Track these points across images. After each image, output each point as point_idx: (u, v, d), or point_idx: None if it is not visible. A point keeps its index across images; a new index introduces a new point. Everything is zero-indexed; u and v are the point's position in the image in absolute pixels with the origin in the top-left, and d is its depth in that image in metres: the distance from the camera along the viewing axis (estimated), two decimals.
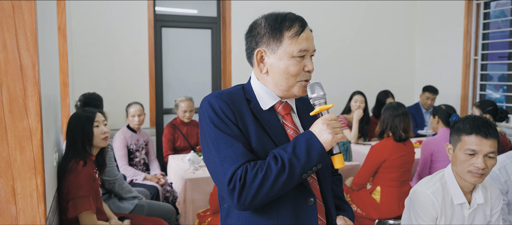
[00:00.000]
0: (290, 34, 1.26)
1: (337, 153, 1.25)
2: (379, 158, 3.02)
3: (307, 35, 1.28)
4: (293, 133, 1.31)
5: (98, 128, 2.35)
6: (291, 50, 1.26)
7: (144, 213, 2.91)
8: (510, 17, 4.71)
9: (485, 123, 1.76)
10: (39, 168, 1.63)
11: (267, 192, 1.16)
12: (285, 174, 1.16)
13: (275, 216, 1.26)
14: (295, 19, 1.29)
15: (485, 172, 1.76)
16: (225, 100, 1.26)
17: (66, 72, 3.29)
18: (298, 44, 1.26)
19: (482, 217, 1.90)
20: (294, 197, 1.27)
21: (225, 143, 1.21)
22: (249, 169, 1.17)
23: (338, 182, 1.57)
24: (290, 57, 1.26)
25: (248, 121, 1.26)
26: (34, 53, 1.59)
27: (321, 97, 1.26)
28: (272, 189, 1.16)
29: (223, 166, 1.19)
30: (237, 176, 1.17)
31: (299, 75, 1.28)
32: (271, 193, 1.17)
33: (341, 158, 1.25)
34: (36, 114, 1.61)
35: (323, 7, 5.25)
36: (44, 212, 1.67)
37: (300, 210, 1.27)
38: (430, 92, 4.91)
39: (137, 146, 3.82)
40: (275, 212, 1.26)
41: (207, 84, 5.11)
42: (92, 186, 2.25)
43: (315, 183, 1.32)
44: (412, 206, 1.88)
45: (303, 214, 1.27)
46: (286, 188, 1.19)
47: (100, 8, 4.33)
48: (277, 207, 1.26)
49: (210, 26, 5.02)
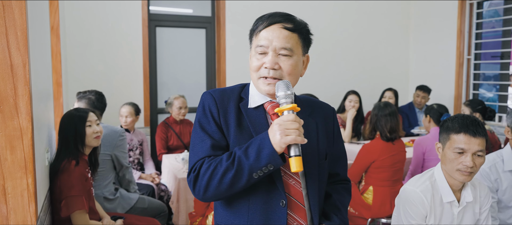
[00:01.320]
0: (256, 30, 1.31)
1: (295, 156, 1.18)
2: (369, 158, 3.05)
3: (268, 34, 1.27)
4: None
5: (90, 127, 2.36)
6: (253, 46, 1.32)
7: (145, 206, 3.01)
8: (503, 17, 4.74)
9: (474, 121, 1.78)
10: (30, 167, 1.64)
11: (217, 186, 1.21)
12: (233, 170, 1.19)
13: (245, 214, 1.29)
14: (268, 16, 1.30)
15: (474, 171, 1.78)
16: (215, 97, 1.33)
17: (60, 72, 3.28)
18: (257, 40, 1.30)
19: (471, 215, 1.92)
20: (265, 198, 1.27)
21: (198, 138, 1.30)
22: (206, 162, 1.24)
23: (342, 191, 1.48)
24: (254, 52, 1.32)
25: (230, 118, 1.31)
26: (24, 52, 1.59)
27: (282, 97, 1.22)
28: (221, 184, 1.20)
29: (191, 159, 1.30)
30: (195, 168, 1.25)
31: (259, 71, 1.30)
32: (221, 187, 1.21)
33: (299, 162, 1.17)
34: (26, 113, 1.61)
35: (317, 6, 5.26)
36: (35, 211, 1.67)
37: (271, 211, 1.28)
38: (420, 90, 4.95)
39: (130, 146, 3.82)
40: (246, 210, 1.29)
41: (201, 84, 5.11)
42: (85, 186, 2.25)
43: (297, 185, 1.31)
44: (402, 205, 1.90)
45: (274, 215, 1.27)
46: (236, 184, 1.20)
47: (94, 8, 4.33)
48: (247, 206, 1.29)
49: (204, 25, 5.02)
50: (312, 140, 1.34)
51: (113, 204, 2.82)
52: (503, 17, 4.73)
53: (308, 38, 1.36)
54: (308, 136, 1.32)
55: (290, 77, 1.29)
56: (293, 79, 1.31)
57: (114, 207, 2.82)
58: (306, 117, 1.36)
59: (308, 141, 1.31)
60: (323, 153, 1.37)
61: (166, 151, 4.06)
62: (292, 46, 1.28)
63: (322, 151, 1.37)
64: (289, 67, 1.28)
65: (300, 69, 1.34)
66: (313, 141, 1.35)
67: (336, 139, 1.47)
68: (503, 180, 2.28)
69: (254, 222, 1.28)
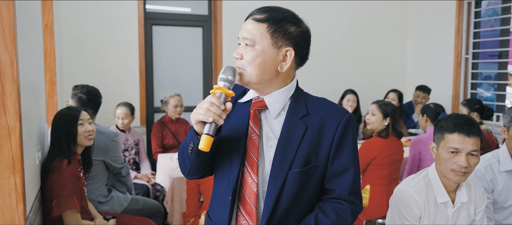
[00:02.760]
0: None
1: (204, 134, 1.18)
2: (370, 155, 3.02)
3: (243, 25, 1.30)
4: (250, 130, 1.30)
5: (82, 126, 2.33)
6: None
7: (140, 206, 2.97)
8: (500, 16, 4.72)
9: (468, 121, 1.76)
10: (18, 167, 1.61)
11: (182, 162, 1.35)
12: (181, 148, 1.34)
13: (212, 202, 1.41)
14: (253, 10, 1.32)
15: (468, 171, 1.75)
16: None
17: (54, 70, 3.26)
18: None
19: (466, 216, 1.90)
20: (224, 190, 1.32)
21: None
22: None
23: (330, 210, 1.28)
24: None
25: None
26: (12, 50, 1.57)
27: (219, 78, 1.24)
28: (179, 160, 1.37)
29: None
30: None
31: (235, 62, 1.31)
32: (180, 163, 1.37)
33: (206, 141, 1.17)
34: (14, 112, 1.59)
35: (314, 6, 5.24)
36: (24, 211, 1.65)
37: (222, 203, 1.32)
38: (420, 90, 4.91)
39: (126, 146, 3.80)
40: (213, 199, 1.41)
41: (198, 82, 5.09)
42: (76, 185, 2.22)
43: (253, 185, 1.27)
44: (396, 205, 1.87)
45: (222, 208, 1.32)
46: (186, 160, 1.31)
47: (90, 6, 4.30)
48: (214, 196, 1.40)
49: (201, 24, 5.00)
50: (290, 145, 1.25)
51: (105, 206, 2.78)
52: (501, 16, 4.71)
53: (283, 30, 1.25)
54: (288, 139, 1.25)
55: (250, 67, 1.24)
56: (257, 70, 1.23)
57: (106, 210, 2.78)
58: (295, 119, 1.28)
59: (285, 145, 1.24)
60: (300, 161, 1.25)
61: (162, 150, 4.03)
62: (253, 36, 1.24)
63: (299, 159, 1.25)
64: (248, 57, 1.24)
65: (271, 62, 1.24)
66: (291, 146, 1.25)
67: (337, 150, 1.28)
68: (499, 181, 2.26)
69: (214, 210, 1.37)
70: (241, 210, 1.29)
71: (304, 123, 1.27)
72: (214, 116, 1.17)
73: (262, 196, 1.28)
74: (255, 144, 1.28)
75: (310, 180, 1.28)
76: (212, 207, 1.39)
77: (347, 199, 1.29)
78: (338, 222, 1.27)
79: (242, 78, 1.27)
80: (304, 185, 1.28)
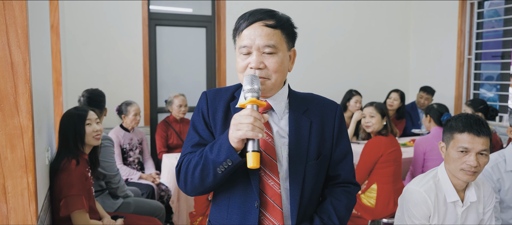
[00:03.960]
0: (239, 30, 1.28)
1: (252, 151, 1.13)
2: (376, 153, 3.04)
3: (250, 32, 1.24)
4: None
5: (90, 126, 2.34)
6: (237, 46, 1.29)
7: (130, 211, 2.89)
8: (503, 17, 4.73)
9: (478, 121, 1.77)
10: (30, 166, 1.62)
11: (191, 180, 1.24)
12: (200, 165, 1.22)
13: (225, 213, 1.32)
14: (249, 14, 1.28)
15: (478, 170, 1.76)
16: (208, 97, 1.36)
17: (59, 71, 3.27)
18: (240, 41, 1.27)
19: (475, 215, 1.91)
20: (241, 198, 1.28)
21: (189, 136, 1.35)
22: (186, 157, 1.28)
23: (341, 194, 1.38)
24: (238, 53, 1.29)
25: (218, 117, 1.32)
26: (25, 50, 1.58)
27: (252, 90, 1.19)
28: (193, 178, 1.23)
29: (180, 156, 1.34)
30: (179, 164, 1.30)
31: (245, 71, 1.27)
32: (194, 181, 1.24)
33: (254, 158, 1.13)
34: (27, 112, 1.60)
35: (316, 6, 5.25)
36: (36, 211, 1.66)
37: (247, 212, 1.28)
38: (424, 91, 4.91)
39: (130, 145, 3.81)
40: (226, 209, 1.32)
41: (201, 83, 5.09)
42: (85, 185, 2.23)
43: (276, 187, 1.28)
44: (405, 205, 1.88)
45: (249, 216, 1.28)
46: (206, 179, 1.22)
47: (94, 6, 4.31)
48: (227, 204, 1.31)
49: (204, 24, 5.01)
50: (301, 140, 1.30)
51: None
52: (504, 17, 4.72)
53: (292, 32, 1.32)
54: (298, 135, 1.30)
55: (276, 74, 1.26)
56: (280, 75, 1.27)
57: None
58: (299, 115, 1.32)
59: (296, 141, 1.28)
60: (314, 154, 1.31)
61: (166, 150, 4.04)
62: (276, 43, 1.24)
63: (312, 152, 1.31)
64: (274, 65, 1.24)
65: (287, 65, 1.30)
66: (302, 141, 1.30)
67: (338, 139, 1.37)
68: (505, 180, 2.27)
69: (231, 220, 1.30)
70: (264, 214, 1.28)
71: (307, 118, 1.33)
72: (261, 132, 1.13)
73: (285, 195, 1.30)
74: (270, 146, 1.28)
75: (322, 170, 1.36)
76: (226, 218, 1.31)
77: (352, 181, 1.41)
78: (349, 203, 1.38)
79: (266, 87, 1.26)
80: (319, 175, 1.35)
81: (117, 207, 2.85)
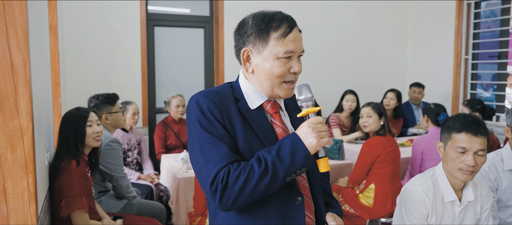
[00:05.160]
0: (276, 35, 1.23)
1: (323, 157, 1.22)
2: (374, 153, 3.06)
3: (294, 36, 1.25)
4: (282, 132, 1.30)
5: (90, 127, 2.34)
6: (276, 51, 1.23)
7: (133, 212, 2.89)
8: (500, 17, 4.76)
9: (475, 121, 1.78)
10: (30, 167, 1.62)
11: (250, 194, 1.16)
12: (268, 176, 1.15)
13: (262, 215, 1.25)
14: (283, 19, 1.25)
15: (475, 170, 1.78)
16: (213, 99, 1.25)
17: (58, 71, 3.27)
18: (284, 46, 1.23)
19: (473, 215, 1.92)
20: (282, 197, 1.25)
21: (210, 143, 1.20)
22: (232, 170, 1.16)
23: (325, 177, 1.56)
24: (276, 58, 1.24)
25: (235, 120, 1.25)
26: (25, 51, 1.58)
27: (308, 99, 1.24)
28: (255, 191, 1.16)
29: (206, 167, 1.19)
30: (219, 178, 1.16)
31: (284, 76, 1.26)
32: (253, 195, 1.17)
33: (326, 162, 1.23)
34: (27, 113, 1.60)
35: (315, 5, 5.27)
36: (36, 211, 1.66)
37: (287, 209, 1.26)
38: (416, 86, 5.07)
39: (129, 146, 3.81)
40: (262, 212, 1.25)
41: (200, 83, 5.10)
42: (85, 185, 2.24)
43: (304, 181, 1.32)
44: (404, 204, 1.90)
45: (291, 213, 1.26)
46: (269, 190, 1.18)
47: (92, 7, 4.31)
48: (264, 207, 1.25)
49: (202, 25, 5.01)
50: None
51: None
52: (500, 17, 4.75)
53: None
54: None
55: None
56: None
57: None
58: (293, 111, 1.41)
59: None
60: None
61: (165, 150, 4.05)
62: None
63: None
64: (301, 69, 1.29)
65: None
66: None
67: None
68: (502, 179, 2.29)
69: (272, 222, 1.25)
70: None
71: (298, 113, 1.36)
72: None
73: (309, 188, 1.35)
74: None
75: None
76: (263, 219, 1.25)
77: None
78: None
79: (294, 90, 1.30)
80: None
81: (120, 208, 2.86)
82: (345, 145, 3.96)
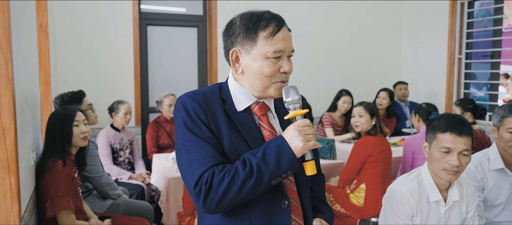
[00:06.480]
0: (265, 34, 1.22)
1: (309, 160, 1.21)
2: (365, 153, 3.05)
3: (283, 35, 1.23)
4: (269, 134, 1.28)
5: (78, 127, 2.33)
6: (265, 50, 1.22)
7: (119, 212, 2.87)
8: (493, 16, 4.77)
9: (460, 121, 1.78)
10: (12, 167, 1.62)
11: (233, 197, 1.14)
12: (252, 179, 1.14)
13: (247, 218, 1.24)
14: (271, 18, 1.24)
15: (460, 170, 1.78)
16: (198, 101, 1.23)
17: (48, 71, 3.25)
18: (273, 45, 1.21)
19: (458, 214, 1.93)
20: (267, 200, 1.24)
21: (194, 145, 1.19)
22: (216, 172, 1.15)
23: (320, 182, 1.53)
24: (265, 58, 1.22)
25: (221, 122, 1.23)
26: (7, 51, 1.57)
27: (295, 101, 1.21)
28: (239, 194, 1.14)
29: (191, 168, 1.18)
30: (203, 180, 1.15)
31: (275, 77, 1.24)
32: (237, 198, 1.15)
33: (313, 165, 1.21)
34: (9, 112, 1.60)
35: (309, 5, 5.26)
36: (19, 211, 1.65)
37: (273, 212, 1.25)
38: (401, 83, 5.17)
39: (121, 145, 3.80)
40: (247, 214, 1.24)
41: (193, 83, 5.09)
42: (71, 186, 2.23)
43: (292, 185, 1.29)
44: (389, 204, 1.90)
45: (276, 216, 1.25)
46: (253, 193, 1.16)
47: (85, 6, 4.30)
48: (249, 209, 1.24)
49: (196, 24, 5.01)
50: None
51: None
52: (494, 16, 4.75)
53: None
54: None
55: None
56: None
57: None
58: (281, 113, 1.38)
59: None
60: None
61: (157, 150, 4.04)
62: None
63: None
64: (292, 68, 1.28)
65: None
66: None
67: None
68: (489, 179, 2.29)
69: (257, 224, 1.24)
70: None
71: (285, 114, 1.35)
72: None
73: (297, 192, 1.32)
74: None
75: None
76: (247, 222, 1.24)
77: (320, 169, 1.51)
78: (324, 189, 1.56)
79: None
80: None
81: (106, 209, 2.83)
82: (337, 145, 3.96)
